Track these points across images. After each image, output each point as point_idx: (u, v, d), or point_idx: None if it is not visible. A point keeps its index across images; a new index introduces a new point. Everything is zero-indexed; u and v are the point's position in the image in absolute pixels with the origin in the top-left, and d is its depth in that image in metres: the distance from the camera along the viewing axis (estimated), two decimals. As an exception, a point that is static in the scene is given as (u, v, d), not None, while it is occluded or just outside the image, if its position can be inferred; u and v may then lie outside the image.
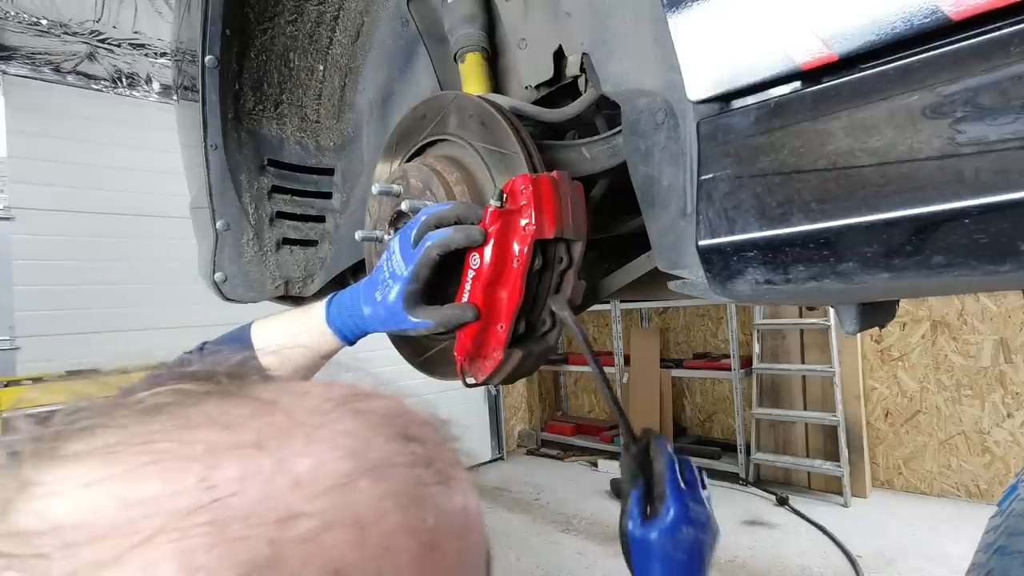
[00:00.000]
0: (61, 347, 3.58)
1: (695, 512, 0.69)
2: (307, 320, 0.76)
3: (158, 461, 0.23)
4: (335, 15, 1.26)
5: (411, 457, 0.28)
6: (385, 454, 0.27)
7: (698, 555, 0.68)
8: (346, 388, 0.31)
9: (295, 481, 0.24)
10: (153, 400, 0.27)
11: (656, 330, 5.46)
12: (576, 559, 3.55)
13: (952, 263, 0.43)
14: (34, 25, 3.45)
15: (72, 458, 0.24)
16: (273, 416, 0.26)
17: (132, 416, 0.26)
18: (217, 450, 0.24)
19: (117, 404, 0.27)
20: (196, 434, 0.25)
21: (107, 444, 0.24)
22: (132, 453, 0.24)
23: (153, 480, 0.23)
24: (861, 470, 4.11)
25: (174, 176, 1.81)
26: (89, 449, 0.24)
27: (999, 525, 0.98)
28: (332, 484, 0.24)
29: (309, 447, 0.25)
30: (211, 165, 1.22)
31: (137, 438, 0.24)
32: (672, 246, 0.67)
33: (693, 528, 0.69)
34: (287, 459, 0.24)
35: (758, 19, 0.50)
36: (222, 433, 0.25)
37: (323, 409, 0.28)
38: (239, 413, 0.26)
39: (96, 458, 0.24)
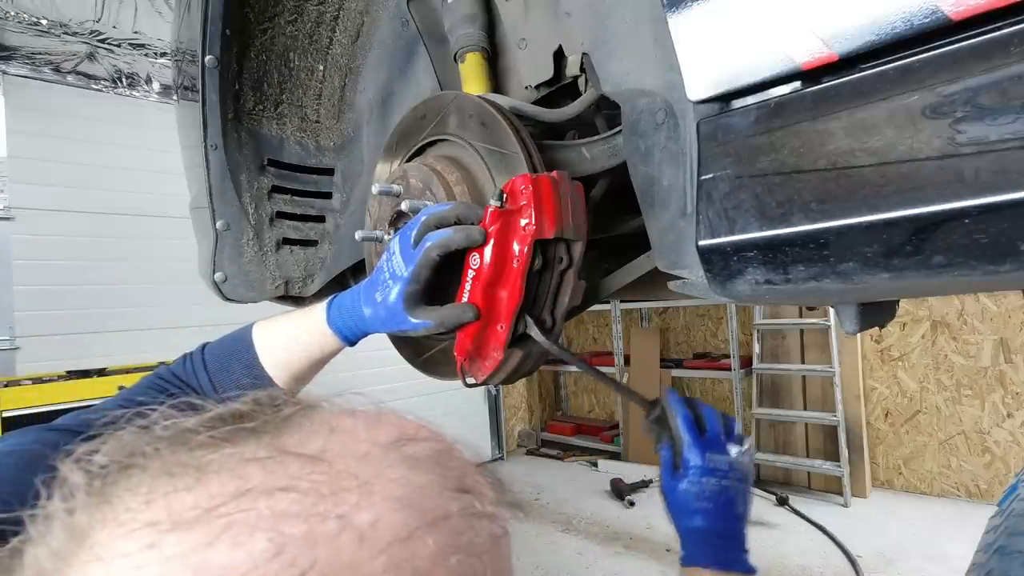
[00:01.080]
0: (61, 347, 3.58)
1: (714, 462, 0.71)
2: (308, 321, 0.76)
3: (227, 529, 0.23)
4: (335, 15, 1.26)
5: (466, 508, 0.28)
6: (441, 505, 0.27)
7: (727, 501, 0.70)
8: (391, 429, 0.31)
9: (359, 538, 0.24)
10: (213, 458, 0.26)
11: (656, 330, 5.46)
12: (576, 559, 3.55)
13: (952, 263, 0.43)
14: (34, 25, 3.45)
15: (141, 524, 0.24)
16: (325, 472, 0.26)
17: (194, 475, 0.25)
18: (282, 514, 0.24)
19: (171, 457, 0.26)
20: (259, 499, 0.24)
21: (173, 510, 0.24)
22: (203, 521, 0.23)
23: (226, 550, 0.22)
24: (861, 470, 4.11)
25: (174, 176, 1.81)
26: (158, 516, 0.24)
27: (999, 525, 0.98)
28: (393, 539, 0.25)
29: (367, 500, 0.26)
30: (211, 165, 1.22)
31: (202, 503, 0.24)
32: (672, 246, 0.67)
33: (715, 477, 0.71)
34: (348, 516, 0.25)
35: (758, 19, 0.50)
36: (283, 496, 0.25)
37: (374, 456, 0.28)
38: (294, 470, 0.26)
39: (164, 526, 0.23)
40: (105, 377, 3.12)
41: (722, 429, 0.75)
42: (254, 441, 0.28)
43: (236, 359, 0.75)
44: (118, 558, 0.23)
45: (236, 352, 0.75)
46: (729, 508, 0.71)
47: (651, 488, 4.44)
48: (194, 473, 0.25)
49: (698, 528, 0.71)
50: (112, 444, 0.28)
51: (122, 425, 0.29)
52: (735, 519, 0.71)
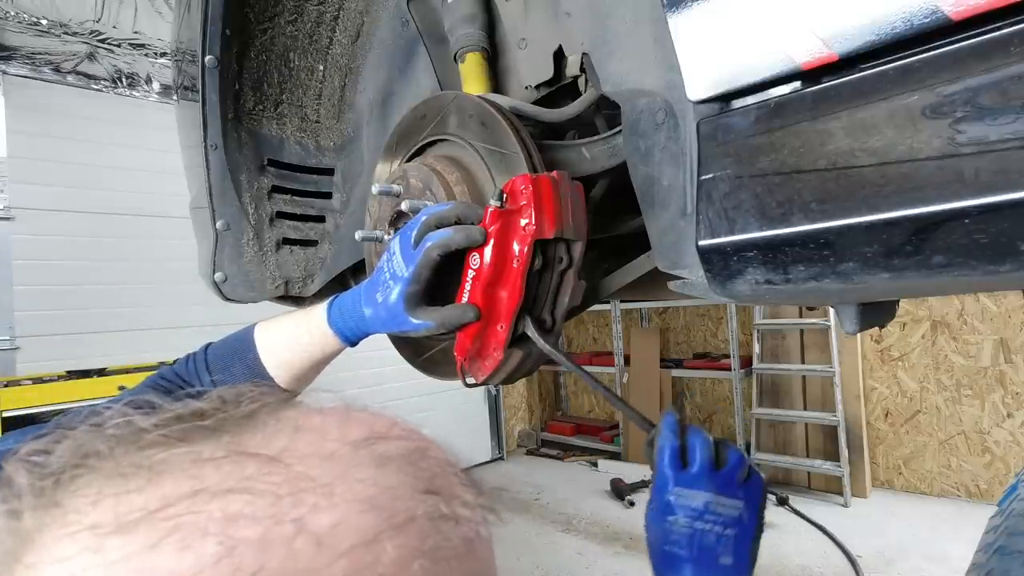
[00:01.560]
0: (61, 347, 3.58)
1: (684, 499, 0.60)
2: (309, 322, 0.76)
3: (175, 531, 0.22)
4: (335, 15, 1.26)
5: (433, 511, 0.27)
6: (407, 508, 0.26)
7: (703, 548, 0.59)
8: (362, 427, 0.29)
9: (317, 543, 0.23)
10: (164, 457, 0.25)
11: (656, 330, 5.46)
12: (576, 559, 3.55)
13: (952, 263, 0.43)
14: (34, 25, 3.45)
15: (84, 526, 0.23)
16: (287, 472, 0.25)
17: (145, 475, 0.24)
18: (235, 516, 0.23)
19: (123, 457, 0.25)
20: (211, 501, 0.23)
21: (121, 512, 0.23)
22: (148, 523, 0.22)
23: (172, 553, 0.21)
24: (861, 470, 4.11)
25: (174, 176, 1.81)
26: (103, 518, 0.23)
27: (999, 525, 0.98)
28: (354, 543, 0.24)
29: (328, 502, 0.24)
30: (211, 165, 1.22)
31: (151, 504, 0.23)
32: (672, 246, 0.67)
33: (685, 517, 0.60)
34: (306, 519, 0.23)
35: (758, 19, 0.50)
36: (237, 497, 0.24)
37: (340, 455, 0.27)
38: (250, 471, 0.25)
39: (111, 528, 0.22)
40: (105, 377, 3.12)
41: (708, 463, 0.62)
42: (212, 440, 0.26)
43: (238, 359, 0.75)
44: (61, 562, 0.22)
45: (238, 352, 0.76)
46: (707, 558, 0.59)
47: (651, 488, 4.43)
48: (146, 474, 0.24)
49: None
50: (63, 444, 0.26)
51: (74, 424, 0.28)
52: (719, 574, 0.59)
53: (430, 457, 0.30)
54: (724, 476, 0.62)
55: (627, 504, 4.26)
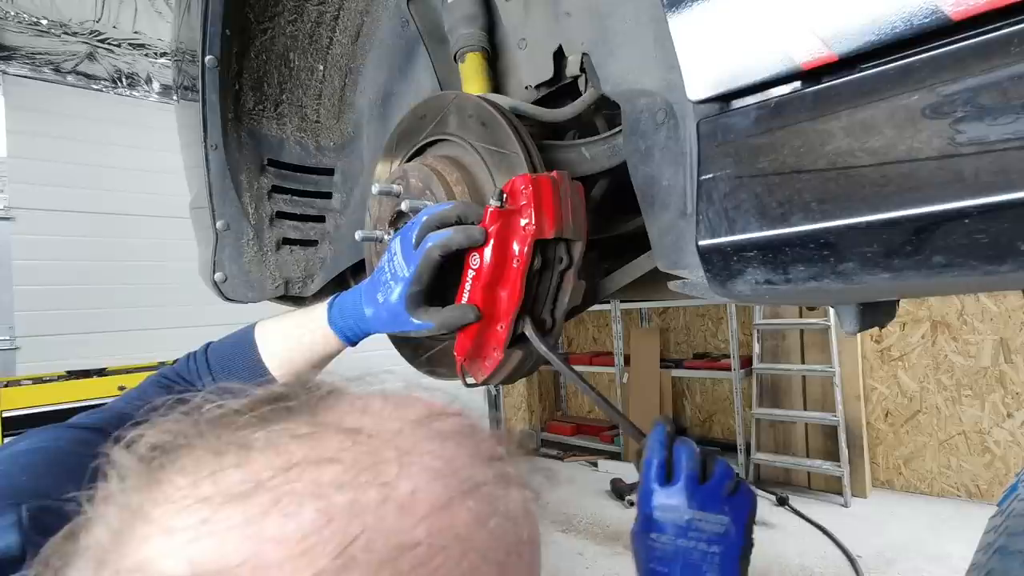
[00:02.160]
0: (61, 347, 3.58)
1: (666, 515, 0.58)
2: (309, 322, 0.76)
3: (278, 501, 0.24)
4: (335, 15, 1.26)
5: (498, 475, 0.30)
6: (474, 474, 0.29)
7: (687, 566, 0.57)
8: (420, 407, 0.32)
9: (400, 507, 0.25)
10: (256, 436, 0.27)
11: (656, 330, 5.46)
12: (576, 559, 3.55)
13: (952, 263, 0.43)
14: (34, 25, 3.45)
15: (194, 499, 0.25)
16: (363, 444, 0.27)
17: (238, 452, 0.26)
18: (327, 485, 0.25)
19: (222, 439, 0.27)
20: (304, 470, 0.25)
21: (223, 487, 0.25)
22: (253, 494, 0.24)
23: (278, 521, 0.23)
24: (861, 470, 4.11)
25: (174, 176, 1.82)
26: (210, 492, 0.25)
27: (999, 525, 0.98)
28: (431, 507, 0.26)
29: (405, 471, 0.27)
30: (211, 165, 1.22)
31: (252, 478, 0.25)
32: (672, 246, 0.67)
33: (666, 535, 0.58)
34: (387, 486, 0.26)
35: (758, 19, 0.50)
36: (326, 467, 0.26)
37: (406, 432, 0.29)
38: (334, 444, 0.27)
39: (220, 500, 0.24)
40: (105, 377, 3.12)
41: (692, 476, 0.59)
42: (294, 419, 0.29)
43: (239, 359, 0.75)
44: (177, 532, 0.23)
45: (239, 352, 0.76)
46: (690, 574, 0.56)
47: (651, 488, 4.43)
48: (239, 451, 0.26)
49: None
50: (158, 428, 0.29)
51: (164, 412, 0.30)
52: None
53: (482, 431, 0.33)
54: (708, 490, 0.59)
55: (627, 504, 4.26)
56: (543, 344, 0.72)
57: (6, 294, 3.49)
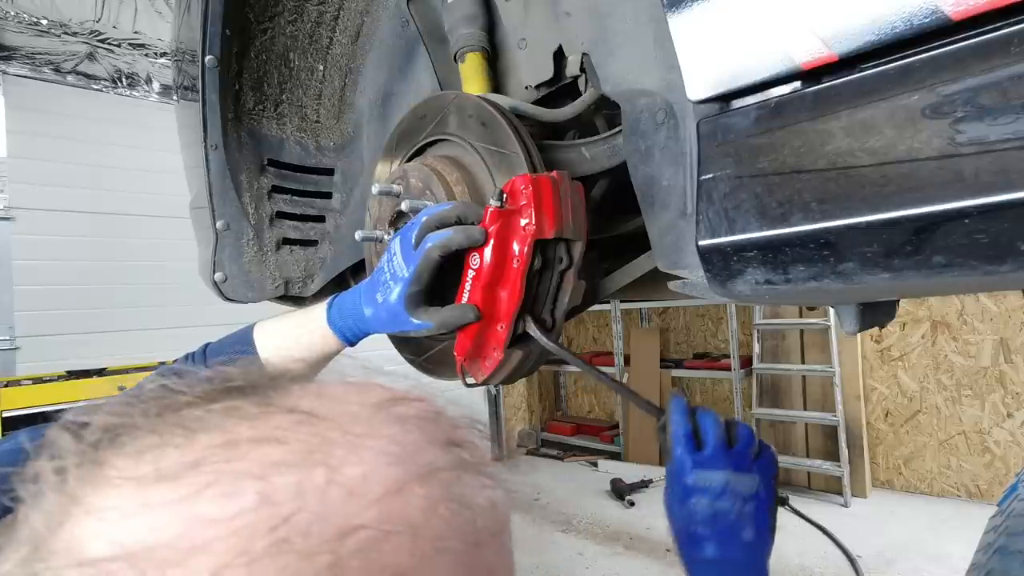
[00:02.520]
0: (61, 347, 3.58)
1: (703, 480, 0.62)
2: (308, 322, 0.76)
3: (215, 481, 0.23)
4: (335, 15, 1.26)
5: (455, 461, 0.28)
6: (430, 459, 0.28)
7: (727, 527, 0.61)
8: (381, 392, 0.31)
9: (348, 491, 0.24)
10: (200, 415, 0.27)
11: (656, 330, 5.46)
12: (576, 559, 3.55)
13: (952, 263, 0.43)
14: (34, 25, 3.45)
15: (128, 480, 0.24)
16: (316, 426, 0.27)
17: (181, 433, 0.26)
18: (271, 465, 0.24)
19: (164, 420, 0.27)
20: (247, 450, 0.25)
21: (162, 465, 0.24)
22: (189, 473, 0.24)
23: (214, 501, 0.23)
24: (861, 470, 4.11)
25: (174, 176, 1.82)
26: (145, 471, 0.24)
27: (999, 525, 0.98)
28: (384, 491, 0.25)
29: (357, 455, 0.26)
30: (211, 165, 1.22)
31: (189, 457, 0.24)
32: (672, 246, 0.67)
33: (706, 498, 0.62)
34: (337, 469, 0.25)
35: (758, 19, 0.50)
36: (271, 447, 0.25)
37: (363, 416, 0.28)
38: (283, 425, 0.26)
39: (152, 479, 0.24)
40: (105, 377, 3.12)
41: (721, 443, 0.64)
42: (244, 401, 0.28)
43: (238, 358, 0.75)
44: (108, 511, 0.23)
45: (238, 352, 0.76)
46: (730, 535, 0.61)
47: (651, 488, 4.44)
48: (182, 432, 0.26)
49: (698, 559, 0.62)
50: (103, 411, 0.28)
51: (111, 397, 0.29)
52: (742, 548, 0.61)
53: (446, 416, 0.32)
54: (738, 454, 0.64)
55: (627, 504, 4.26)
56: (547, 338, 0.72)
57: (6, 294, 3.49)
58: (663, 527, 0.67)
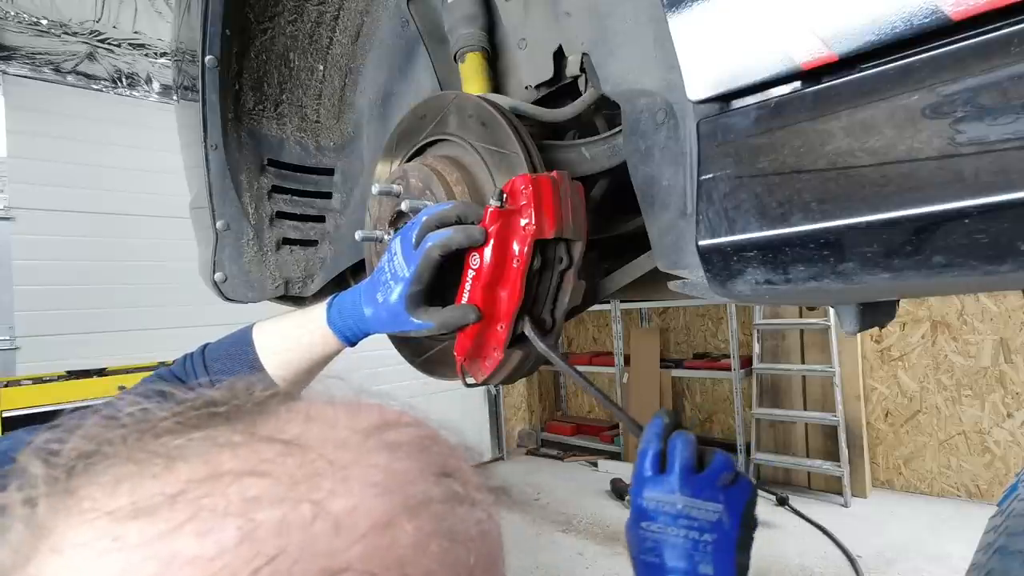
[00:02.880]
0: (61, 347, 3.58)
1: (657, 503, 0.58)
2: (308, 322, 0.76)
3: (194, 516, 0.22)
4: (335, 15, 1.26)
5: (448, 493, 0.27)
6: (422, 491, 0.26)
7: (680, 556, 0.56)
8: (373, 416, 0.30)
9: (335, 526, 0.23)
10: (180, 444, 0.25)
11: (656, 330, 5.46)
12: (576, 559, 3.55)
13: (952, 263, 0.43)
14: (34, 25, 3.45)
15: (101, 513, 0.22)
16: (303, 455, 0.25)
17: (160, 462, 0.24)
18: (253, 500, 0.23)
19: (142, 447, 0.25)
20: (229, 483, 0.23)
21: (138, 498, 0.23)
22: (166, 508, 0.22)
23: (192, 538, 0.21)
24: (861, 470, 4.11)
25: (174, 176, 1.81)
26: (120, 504, 0.23)
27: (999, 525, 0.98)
28: (371, 525, 0.24)
29: (344, 487, 0.24)
30: (211, 165, 1.22)
31: (168, 489, 0.23)
32: (672, 246, 0.67)
33: (657, 523, 0.57)
34: (324, 502, 0.23)
35: (758, 19, 0.50)
36: (255, 480, 0.24)
37: (352, 443, 0.27)
38: (267, 456, 0.25)
39: (127, 514, 0.22)
40: (105, 377, 3.12)
41: (686, 466, 0.58)
42: (226, 427, 0.26)
43: (237, 360, 0.75)
44: (77, 549, 0.22)
45: (237, 353, 0.76)
46: (684, 567, 0.55)
47: (651, 488, 4.43)
48: (161, 461, 0.24)
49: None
50: (77, 434, 0.26)
51: (87, 415, 0.28)
52: None
53: (440, 443, 0.30)
54: (703, 479, 0.58)
55: (627, 504, 4.24)
56: (542, 343, 0.72)
57: (6, 294, 3.49)
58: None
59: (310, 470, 0.25)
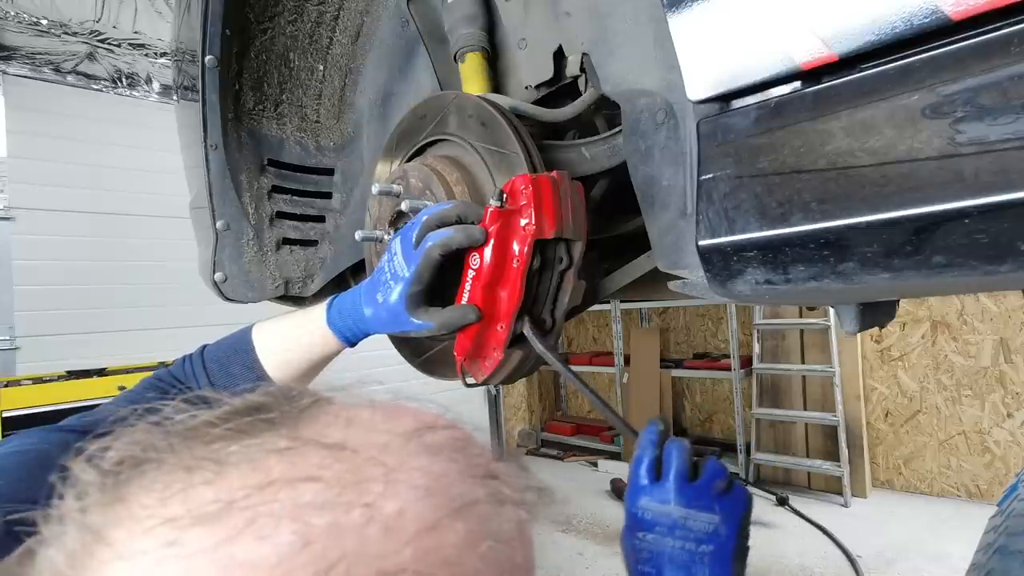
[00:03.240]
0: (61, 347, 3.58)
1: (651, 513, 0.57)
2: (308, 323, 0.76)
3: (251, 522, 0.22)
4: (335, 15, 1.26)
5: (492, 494, 0.28)
6: (466, 492, 0.27)
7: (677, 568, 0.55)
8: (410, 419, 0.30)
9: (385, 528, 0.23)
10: (231, 450, 0.25)
11: (656, 330, 5.46)
12: (576, 559, 3.55)
13: (952, 263, 0.43)
14: (34, 25, 3.45)
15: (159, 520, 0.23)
16: (348, 460, 0.26)
17: (212, 468, 0.24)
18: (306, 505, 0.23)
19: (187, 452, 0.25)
20: (281, 488, 0.24)
21: (192, 505, 0.23)
22: (225, 514, 0.22)
23: (251, 543, 0.22)
24: (861, 470, 4.11)
25: (174, 176, 1.82)
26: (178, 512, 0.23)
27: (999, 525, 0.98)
28: (420, 528, 0.24)
29: (390, 490, 0.25)
30: (211, 165, 1.22)
31: (224, 496, 0.23)
32: (672, 246, 0.67)
33: (652, 531, 0.57)
34: (371, 507, 0.24)
35: (758, 19, 0.50)
36: (307, 485, 0.24)
37: (394, 446, 0.27)
38: (316, 460, 0.25)
39: (184, 521, 0.22)
40: (105, 377, 3.12)
41: (681, 474, 0.58)
42: (273, 433, 0.27)
43: (236, 360, 0.75)
44: (138, 556, 0.22)
45: (236, 353, 0.76)
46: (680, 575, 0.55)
47: (651, 488, 4.43)
48: (212, 467, 0.25)
49: None
50: (124, 440, 0.27)
51: (133, 422, 0.28)
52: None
53: (477, 445, 0.31)
54: (698, 488, 0.58)
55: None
56: (541, 344, 0.72)
57: (6, 294, 3.49)
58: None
59: (360, 474, 0.25)
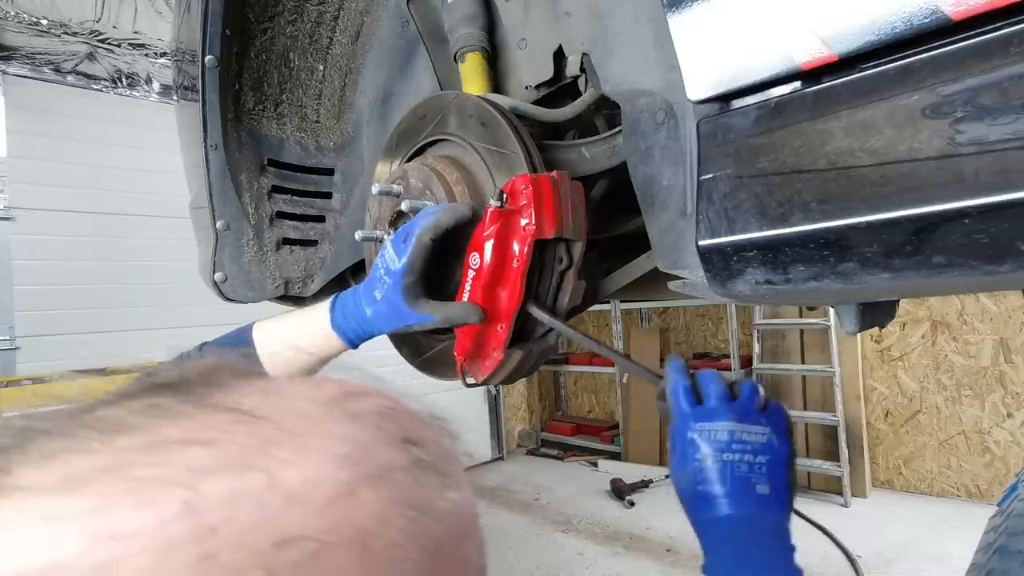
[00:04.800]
0: (61, 347, 3.58)
1: (707, 431, 0.58)
2: (310, 323, 0.75)
3: (134, 489, 0.20)
4: (335, 15, 1.26)
5: (412, 461, 0.26)
6: (384, 459, 0.25)
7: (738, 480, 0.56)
8: (335, 387, 0.28)
9: (288, 497, 0.21)
10: (119, 415, 0.23)
11: (656, 330, 5.46)
12: (576, 559, 3.55)
13: (952, 263, 0.43)
14: (34, 25, 3.45)
15: (28, 489, 0.21)
16: (257, 425, 0.24)
17: (97, 436, 0.22)
18: (199, 470, 0.21)
19: (77, 422, 0.23)
20: (173, 453, 0.22)
21: (71, 472, 0.21)
22: (103, 481, 0.20)
23: (130, 511, 0.20)
24: (861, 470, 4.11)
25: (174, 176, 1.81)
26: (50, 479, 0.21)
27: (999, 525, 0.98)
28: (329, 497, 0.22)
29: (301, 457, 0.23)
30: (211, 165, 1.22)
31: (105, 461, 0.21)
32: (672, 246, 0.67)
33: (713, 450, 0.57)
34: (277, 473, 0.22)
35: (758, 19, 0.50)
36: (202, 450, 0.22)
37: (312, 413, 0.26)
38: (219, 425, 0.23)
39: (59, 489, 0.21)
40: (105, 377, 3.11)
41: (724, 395, 0.60)
42: (171, 398, 0.25)
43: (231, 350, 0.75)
44: (6, 527, 0.20)
45: (236, 351, 0.75)
46: (742, 489, 0.56)
47: (651, 488, 4.44)
48: (97, 434, 0.22)
49: (711, 518, 0.57)
50: (11, 415, 0.25)
51: None
52: (757, 504, 0.57)
53: (405, 411, 0.29)
54: (742, 406, 0.60)
55: (627, 504, 4.25)
56: (547, 315, 0.72)
57: (6, 294, 3.48)
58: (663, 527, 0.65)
59: (263, 439, 0.23)
